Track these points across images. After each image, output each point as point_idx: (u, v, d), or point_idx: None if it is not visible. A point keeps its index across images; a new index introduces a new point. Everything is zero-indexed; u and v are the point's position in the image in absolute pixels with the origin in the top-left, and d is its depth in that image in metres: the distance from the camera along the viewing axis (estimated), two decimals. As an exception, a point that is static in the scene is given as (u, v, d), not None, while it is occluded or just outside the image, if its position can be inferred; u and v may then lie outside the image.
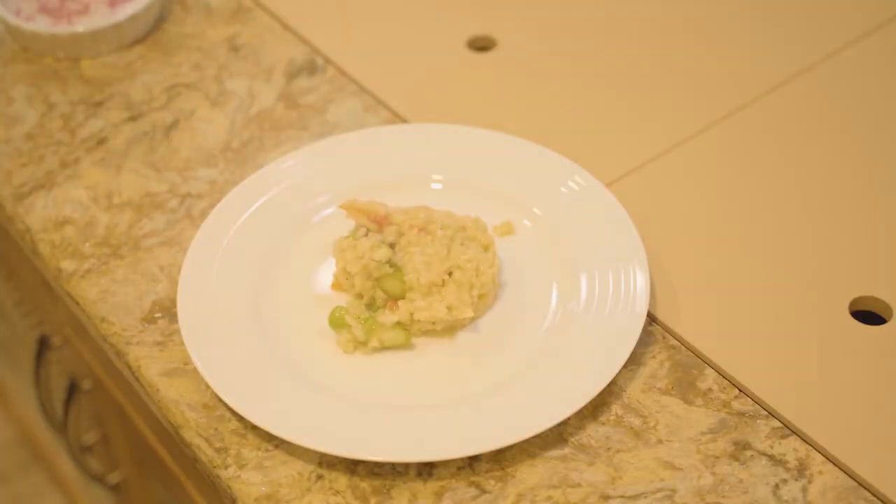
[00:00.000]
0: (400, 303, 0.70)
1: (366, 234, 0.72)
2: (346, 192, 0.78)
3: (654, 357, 0.70)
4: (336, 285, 0.73)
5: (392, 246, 0.72)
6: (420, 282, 0.69)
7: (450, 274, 0.70)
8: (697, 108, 0.85)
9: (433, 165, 0.80)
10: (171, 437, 0.71)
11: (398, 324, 0.70)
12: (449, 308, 0.69)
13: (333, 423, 0.65)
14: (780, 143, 0.83)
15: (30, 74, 0.91)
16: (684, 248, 0.76)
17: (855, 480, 0.63)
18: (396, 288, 0.70)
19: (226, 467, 0.65)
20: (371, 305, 0.71)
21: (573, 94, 0.88)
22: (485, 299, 0.71)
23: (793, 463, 0.64)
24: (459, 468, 0.65)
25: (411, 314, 0.69)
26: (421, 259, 0.70)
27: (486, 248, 0.73)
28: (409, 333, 0.70)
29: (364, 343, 0.70)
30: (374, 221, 0.72)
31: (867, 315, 0.72)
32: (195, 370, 0.69)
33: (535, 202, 0.77)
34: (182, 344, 0.70)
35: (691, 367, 0.69)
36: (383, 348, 0.70)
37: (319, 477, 0.65)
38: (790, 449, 0.65)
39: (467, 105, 0.87)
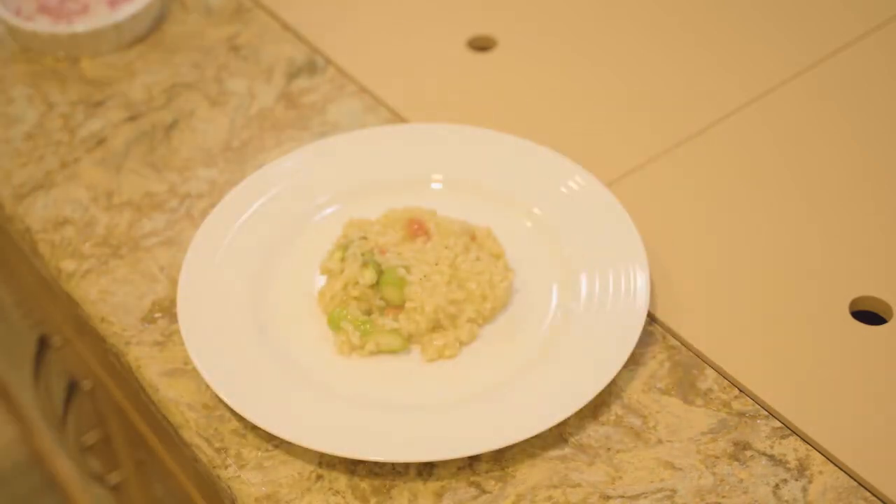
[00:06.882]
0: (401, 316, 0.70)
1: (353, 247, 0.71)
2: (346, 192, 0.78)
3: (654, 357, 0.70)
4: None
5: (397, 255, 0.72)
6: (425, 310, 0.69)
7: (458, 285, 0.70)
8: (697, 108, 0.85)
9: (433, 165, 0.80)
10: (171, 438, 0.70)
11: (396, 329, 0.70)
12: (458, 341, 0.70)
13: (333, 423, 0.65)
14: (780, 143, 0.83)
15: (30, 74, 0.91)
16: (684, 248, 0.76)
17: (855, 480, 0.63)
18: (396, 296, 0.70)
19: (226, 467, 0.65)
20: (368, 311, 0.71)
21: (573, 94, 0.88)
22: (495, 311, 0.71)
23: (793, 463, 0.64)
24: (459, 468, 0.65)
25: (410, 335, 0.70)
26: (428, 268, 0.70)
27: (497, 258, 0.73)
28: (406, 340, 0.70)
29: (361, 347, 0.69)
30: (412, 230, 0.73)
31: (867, 315, 0.72)
32: (195, 370, 0.69)
33: (535, 202, 0.77)
34: (182, 344, 0.70)
35: (691, 367, 0.69)
36: (380, 352, 0.70)
37: (319, 477, 0.65)
38: (790, 449, 0.65)
39: (467, 105, 0.87)
